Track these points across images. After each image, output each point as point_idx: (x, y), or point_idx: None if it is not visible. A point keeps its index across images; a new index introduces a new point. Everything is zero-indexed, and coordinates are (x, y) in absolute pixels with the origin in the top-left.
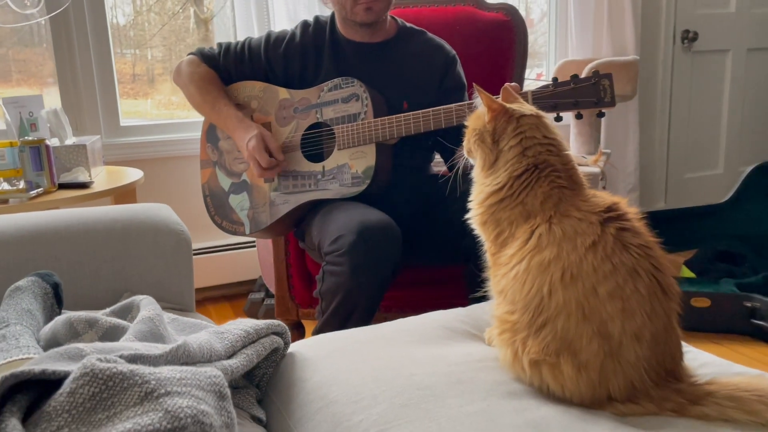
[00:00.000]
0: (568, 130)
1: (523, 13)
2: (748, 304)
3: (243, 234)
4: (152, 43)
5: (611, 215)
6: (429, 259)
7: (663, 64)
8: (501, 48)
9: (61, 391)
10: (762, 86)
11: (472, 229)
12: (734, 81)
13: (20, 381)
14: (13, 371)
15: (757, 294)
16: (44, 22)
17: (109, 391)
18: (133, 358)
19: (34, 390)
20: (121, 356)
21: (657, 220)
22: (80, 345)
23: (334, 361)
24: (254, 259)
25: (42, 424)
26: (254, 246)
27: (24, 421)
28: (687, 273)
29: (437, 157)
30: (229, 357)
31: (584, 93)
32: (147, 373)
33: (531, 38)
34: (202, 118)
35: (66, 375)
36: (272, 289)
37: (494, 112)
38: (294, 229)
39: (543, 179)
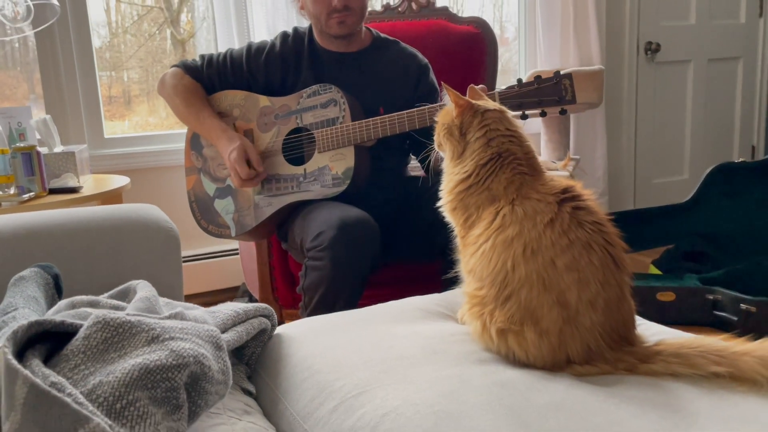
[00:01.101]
0: (539, 138)
1: (497, 32)
2: (711, 297)
3: (229, 237)
4: (128, 65)
5: (567, 196)
6: (406, 255)
7: (628, 74)
8: (472, 59)
9: (76, 337)
10: (722, 95)
11: (445, 224)
12: (696, 90)
13: (41, 331)
14: (36, 319)
15: (718, 287)
16: (18, 44)
17: (119, 336)
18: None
19: (50, 343)
20: (126, 315)
21: (621, 220)
22: (89, 309)
23: (317, 339)
24: (236, 267)
25: (60, 364)
26: (236, 254)
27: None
28: (654, 271)
29: (413, 162)
30: (221, 332)
31: (547, 92)
32: (152, 323)
33: (505, 56)
34: (184, 130)
35: (80, 327)
36: (255, 294)
37: (461, 108)
38: (278, 230)
39: (506, 166)
